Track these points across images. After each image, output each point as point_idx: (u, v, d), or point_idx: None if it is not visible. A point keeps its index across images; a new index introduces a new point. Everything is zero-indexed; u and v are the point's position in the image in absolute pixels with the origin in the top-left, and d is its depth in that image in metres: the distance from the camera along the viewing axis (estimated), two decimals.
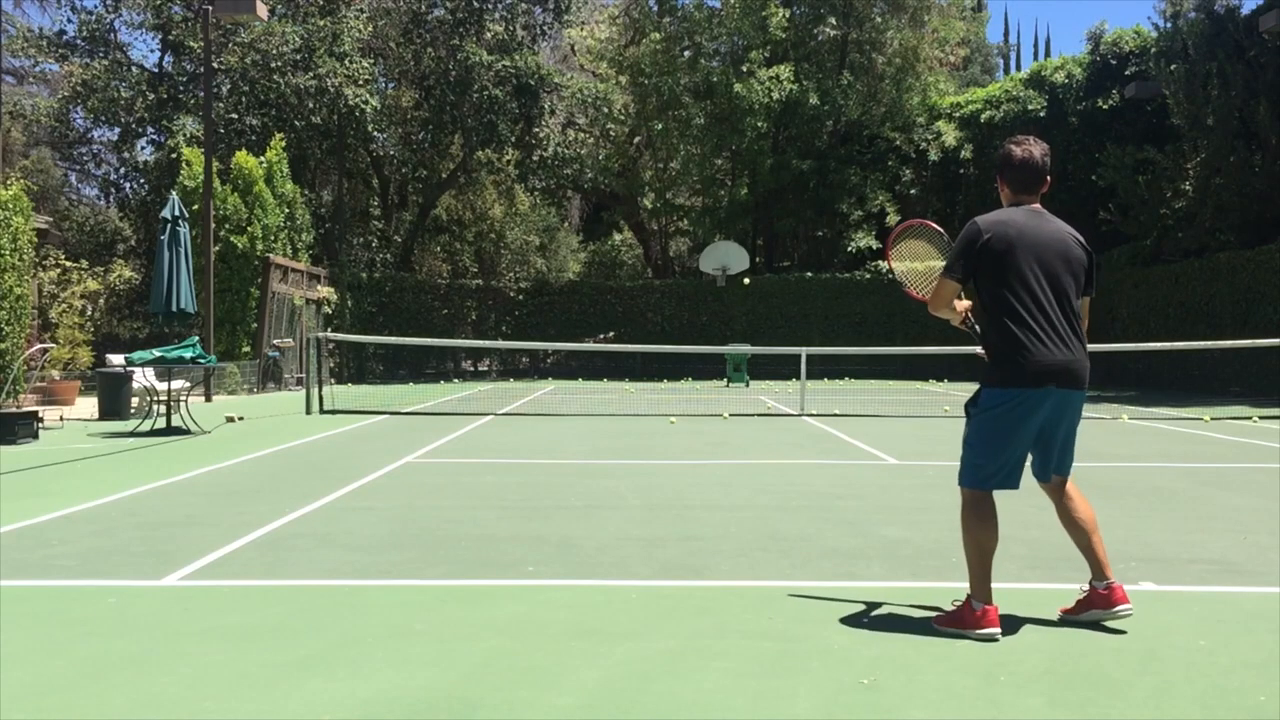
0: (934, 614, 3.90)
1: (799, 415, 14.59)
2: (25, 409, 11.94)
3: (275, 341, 22.33)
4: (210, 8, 18.75)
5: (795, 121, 31.62)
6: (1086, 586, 3.88)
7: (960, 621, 3.68)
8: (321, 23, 26.70)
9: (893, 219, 31.35)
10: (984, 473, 3.79)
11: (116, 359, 13.75)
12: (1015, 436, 3.75)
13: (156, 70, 29.22)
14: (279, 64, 25.95)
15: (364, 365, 28.43)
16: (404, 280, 30.82)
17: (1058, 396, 3.72)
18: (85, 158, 33.55)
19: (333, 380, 19.56)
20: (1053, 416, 3.76)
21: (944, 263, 4.08)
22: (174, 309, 15.79)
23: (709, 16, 32.19)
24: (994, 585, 4.46)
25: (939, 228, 4.49)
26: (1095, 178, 24.86)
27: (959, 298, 3.93)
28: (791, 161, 31.06)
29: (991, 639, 3.60)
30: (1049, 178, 3.93)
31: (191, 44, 26.27)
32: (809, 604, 4.09)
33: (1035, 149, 3.89)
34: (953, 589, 4.38)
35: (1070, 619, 3.85)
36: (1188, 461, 9.25)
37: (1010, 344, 3.72)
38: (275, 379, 22.14)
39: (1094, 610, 3.81)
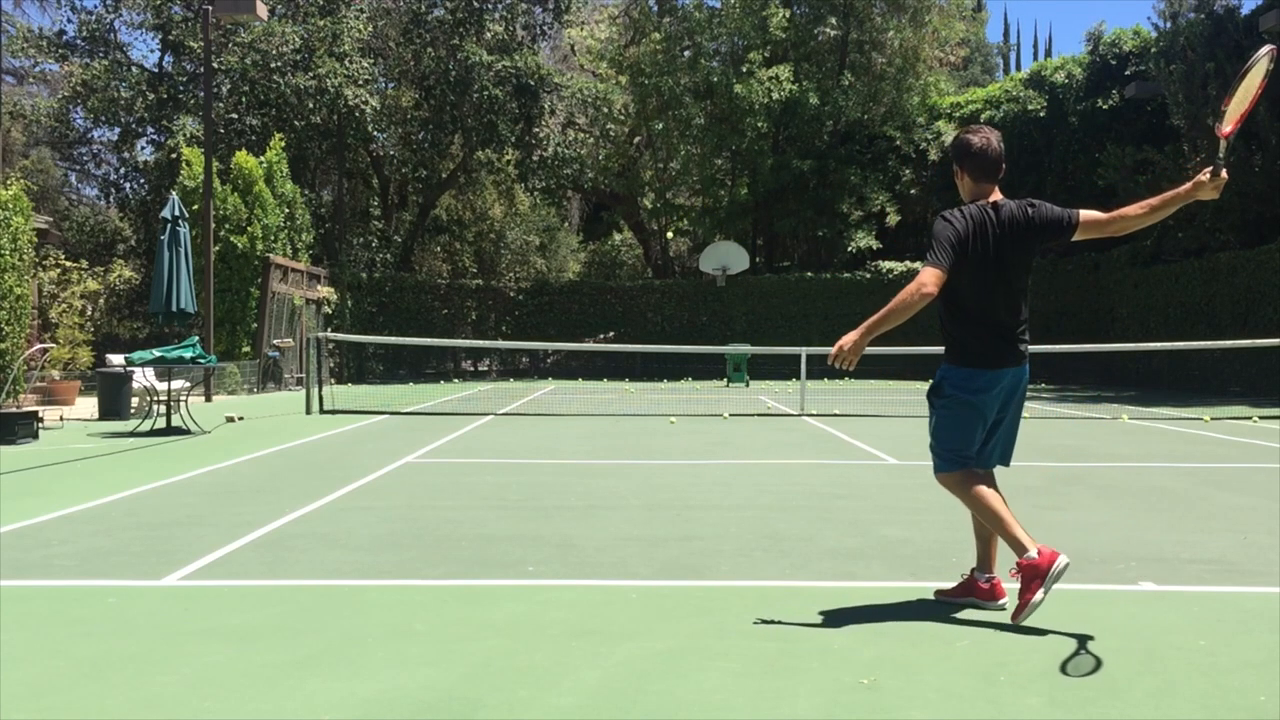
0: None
1: (799, 415, 14.59)
2: (25, 409, 11.94)
3: (275, 341, 22.33)
4: (210, 8, 18.75)
5: (795, 121, 31.62)
6: (967, 572, 4.12)
7: (1034, 576, 3.65)
8: (321, 23, 26.70)
9: (893, 219, 31.42)
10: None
11: (116, 359, 13.74)
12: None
13: (156, 70, 29.23)
14: (279, 64, 25.96)
15: (364, 365, 28.44)
16: (404, 280, 30.82)
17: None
18: (85, 158, 33.58)
19: (333, 380, 19.57)
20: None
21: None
22: (174, 309, 15.78)
23: (709, 17, 32.19)
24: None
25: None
26: (1095, 178, 24.85)
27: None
28: (791, 161, 31.06)
29: (1065, 568, 3.64)
30: (1004, 165, 4.01)
31: (191, 44, 26.28)
32: (809, 604, 4.09)
33: (991, 136, 3.97)
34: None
35: (947, 600, 4.08)
36: (1188, 461, 9.25)
37: None
38: (275, 379, 22.14)
39: (973, 598, 4.03)
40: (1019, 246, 3.90)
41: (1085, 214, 3.96)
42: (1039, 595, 3.64)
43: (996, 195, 3.98)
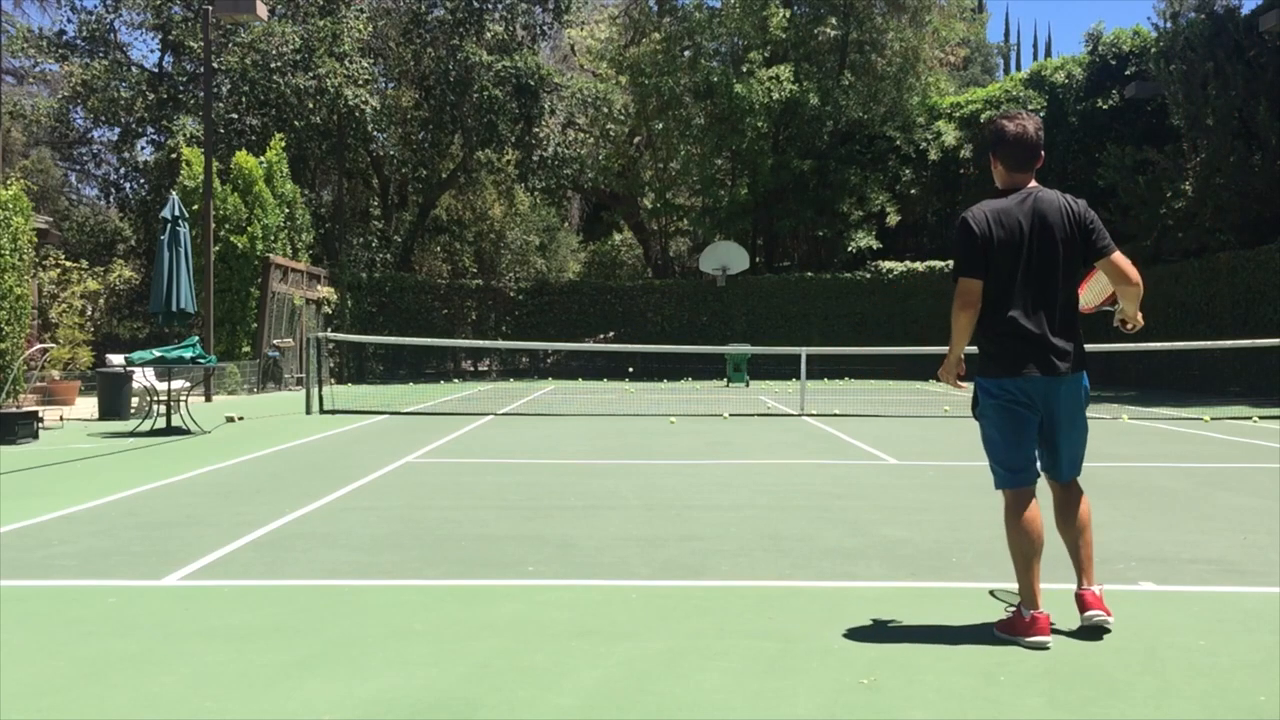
0: (933, 614, 3.95)
1: (799, 415, 14.59)
2: (25, 409, 11.93)
3: (275, 341, 22.33)
4: (210, 8, 18.75)
5: (795, 121, 31.64)
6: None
7: (1012, 628, 3.59)
8: (321, 23, 26.69)
9: (893, 219, 31.42)
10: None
11: (116, 359, 13.74)
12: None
13: (156, 70, 29.23)
14: (279, 64, 25.95)
15: (364, 365, 28.43)
16: (404, 280, 30.81)
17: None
18: (85, 158, 33.56)
19: (333, 380, 19.56)
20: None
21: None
22: (174, 309, 15.78)
23: (709, 17, 32.19)
24: (995, 584, 4.48)
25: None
26: (1095, 178, 24.85)
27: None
28: (792, 161, 31.06)
29: (1041, 647, 3.48)
30: (1043, 153, 3.79)
31: (191, 44, 26.28)
32: (809, 604, 4.09)
33: (1028, 123, 3.72)
34: (952, 589, 4.39)
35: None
36: (1188, 461, 9.25)
37: None
38: (275, 379, 22.14)
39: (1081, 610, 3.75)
40: (1056, 241, 3.64)
41: (1118, 255, 3.73)
42: (1005, 637, 3.58)
43: (1032, 185, 3.74)
